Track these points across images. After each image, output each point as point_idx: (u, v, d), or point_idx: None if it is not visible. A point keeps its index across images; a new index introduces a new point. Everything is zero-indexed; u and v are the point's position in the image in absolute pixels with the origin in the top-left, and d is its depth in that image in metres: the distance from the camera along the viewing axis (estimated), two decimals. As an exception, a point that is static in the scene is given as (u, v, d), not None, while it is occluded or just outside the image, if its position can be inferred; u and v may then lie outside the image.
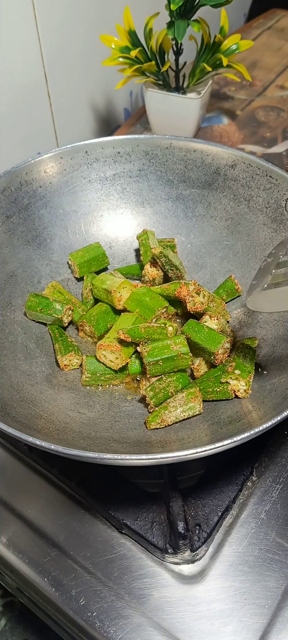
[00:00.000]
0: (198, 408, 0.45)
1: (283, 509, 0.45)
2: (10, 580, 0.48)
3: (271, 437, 0.49)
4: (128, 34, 0.72)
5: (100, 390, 0.49)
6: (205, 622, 0.40)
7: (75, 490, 0.47)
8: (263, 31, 1.18)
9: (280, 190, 0.55)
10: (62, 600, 0.42)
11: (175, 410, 0.44)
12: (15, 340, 0.50)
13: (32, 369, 0.49)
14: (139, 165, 0.62)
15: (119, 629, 0.40)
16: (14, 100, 0.73)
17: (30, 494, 0.47)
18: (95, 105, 0.91)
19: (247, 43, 0.74)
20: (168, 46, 0.74)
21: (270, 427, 0.38)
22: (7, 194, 0.56)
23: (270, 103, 0.94)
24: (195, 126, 0.79)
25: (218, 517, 0.44)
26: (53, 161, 0.59)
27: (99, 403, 0.48)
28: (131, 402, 0.48)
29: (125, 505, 0.45)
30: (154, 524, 0.44)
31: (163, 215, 0.62)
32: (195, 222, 0.61)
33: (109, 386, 0.49)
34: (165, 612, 0.40)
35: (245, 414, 0.43)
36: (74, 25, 0.79)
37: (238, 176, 0.59)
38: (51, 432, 0.42)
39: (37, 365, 0.49)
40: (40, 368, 0.49)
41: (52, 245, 0.59)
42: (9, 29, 0.68)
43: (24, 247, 0.56)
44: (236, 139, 0.86)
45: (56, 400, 0.47)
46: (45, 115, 0.80)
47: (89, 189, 0.61)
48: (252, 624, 0.39)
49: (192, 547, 0.42)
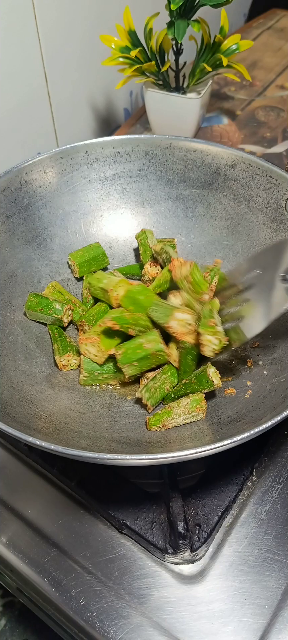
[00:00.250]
0: (201, 416, 0.45)
1: (283, 509, 0.45)
2: (10, 580, 0.48)
3: (271, 437, 0.49)
4: (128, 34, 0.72)
5: (99, 390, 0.49)
6: (205, 622, 0.40)
7: (75, 490, 0.47)
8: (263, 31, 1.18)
9: (280, 190, 0.55)
10: (62, 600, 0.41)
11: (178, 418, 0.44)
12: (15, 340, 0.50)
13: (32, 369, 0.49)
14: (139, 165, 0.62)
15: (119, 629, 0.40)
16: (14, 100, 0.73)
17: (30, 494, 0.47)
18: (95, 105, 0.91)
19: (247, 43, 0.74)
20: (168, 46, 0.74)
21: (270, 427, 0.38)
22: (7, 194, 0.56)
23: (270, 103, 0.94)
24: (195, 126, 0.79)
25: (219, 517, 0.44)
26: (53, 161, 0.59)
27: (98, 403, 0.48)
28: (131, 401, 0.48)
29: (125, 505, 0.45)
30: (154, 524, 0.44)
31: (163, 215, 0.62)
32: (195, 222, 0.61)
33: (106, 386, 0.49)
34: (165, 612, 0.40)
35: (245, 414, 0.43)
36: (74, 25, 0.79)
37: (238, 176, 0.59)
38: (51, 432, 0.42)
39: (37, 365, 0.49)
40: (40, 368, 0.49)
41: (52, 245, 0.59)
42: (9, 29, 0.68)
43: (24, 247, 0.56)
44: (236, 139, 0.86)
45: (56, 400, 0.47)
46: (45, 115, 0.80)
47: (89, 189, 0.61)
48: (252, 624, 0.39)
49: (192, 547, 0.42)
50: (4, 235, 0.55)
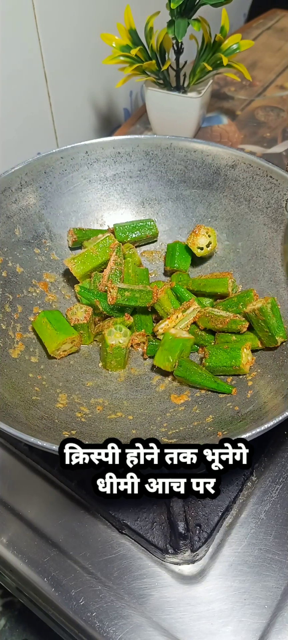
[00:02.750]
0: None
1: (282, 509, 0.45)
2: (10, 580, 0.48)
3: (271, 437, 0.49)
4: (129, 33, 0.72)
5: (99, 390, 0.49)
6: (205, 622, 0.40)
7: (75, 490, 0.47)
8: (263, 31, 1.18)
9: (281, 190, 0.55)
10: (62, 600, 0.42)
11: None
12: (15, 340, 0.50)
13: (33, 369, 0.49)
14: (139, 166, 0.62)
15: (119, 629, 0.40)
16: (14, 100, 0.73)
17: (30, 494, 0.47)
18: (95, 105, 0.91)
19: (248, 43, 0.74)
20: (168, 45, 0.74)
21: (270, 427, 0.38)
22: (7, 194, 0.56)
23: (270, 103, 0.94)
24: (196, 125, 0.79)
25: (219, 517, 0.44)
26: (53, 161, 0.59)
27: (99, 403, 0.48)
28: (131, 402, 0.48)
29: (125, 505, 0.45)
30: (154, 524, 0.44)
31: (163, 216, 0.62)
32: (195, 223, 0.61)
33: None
34: (165, 612, 0.40)
35: (246, 414, 0.43)
36: (74, 24, 0.79)
37: (238, 176, 0.59)
38: (52, 432, 0.42)
39: (37, 365, 0.49)
40: (40, 368, 0.49)
41: (52, 245, 0.59)
42: (9, 29, 0.68)
43: (24, 247, 0.56)
44: (236, 139, 0.85)
45: (57, 400, 0.47)
46: (45, 115, 0.80)
47: (89, 189, 0.61)
48: (251, 624, 0.39)
49: (192, 547, 0.42)
50: (4, 236, 0.55)
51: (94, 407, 0.47)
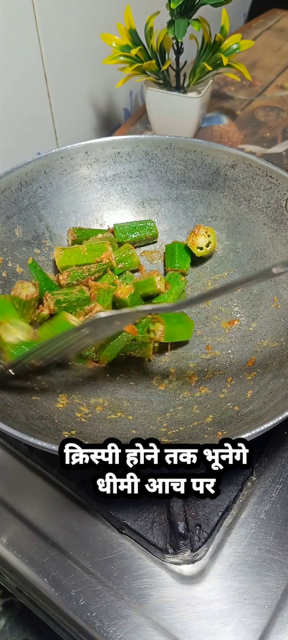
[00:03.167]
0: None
1: (282, 509, 0.45)
2: (10, 580, 0.48)
3: (271, 437, 0.49)
4: (129, 33, 0.72)
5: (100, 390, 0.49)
6: (205, 622, 0.40)
7: (75, 490, 0.47)
8: (263, 31, 1.18)
9: (281, 190, 0.55)
10: (62, 600, 0.42)
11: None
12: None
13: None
14: (139, 166, 0.62)
15: (119, 629, 0.40)
16: (14, 100, 0.73)
17: (30, 494, 0.47)
18: (95, 105, 0.91)
19: (248, 43, 0.74)
20: (168, 45, 0.74)
21: (270, 427, 0.38)
22: (7, 195, 0.56)
23: (270, 103, 0.94)
24: (196, 125, 0.79)
25: (219, 517, 0.44)
26: (53, 161, 0.59)
27: (99, 403, 0.48)
28: (131, 402, 0.48)
29: (125, 505, 0.45)
30: (154, 524, 0.44)
31: (163, 216, 0.62)
32: (195, 222, 0.61)
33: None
34: (165, 612, 0.40)
35: (246, 414, 0.43)
36: (74, 24, 0.79)
37: (238, 176, 0.59)
38: (52, 432, 0.42)
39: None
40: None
41: (52, 245, 0.59)
42: (9, 29, 0.68)
43: (24, 247, 0.56)
44: (236, 139, 0.86)
45: (57, 400, 0.47)
46: (45, 115, 0.80)
47: (89, 190, 0.61)
48: (251, 624, 0.39)
49: (192, 547, 0.42)
50: (4, 236, 0.55)
51: (93, 407, 0.47)
